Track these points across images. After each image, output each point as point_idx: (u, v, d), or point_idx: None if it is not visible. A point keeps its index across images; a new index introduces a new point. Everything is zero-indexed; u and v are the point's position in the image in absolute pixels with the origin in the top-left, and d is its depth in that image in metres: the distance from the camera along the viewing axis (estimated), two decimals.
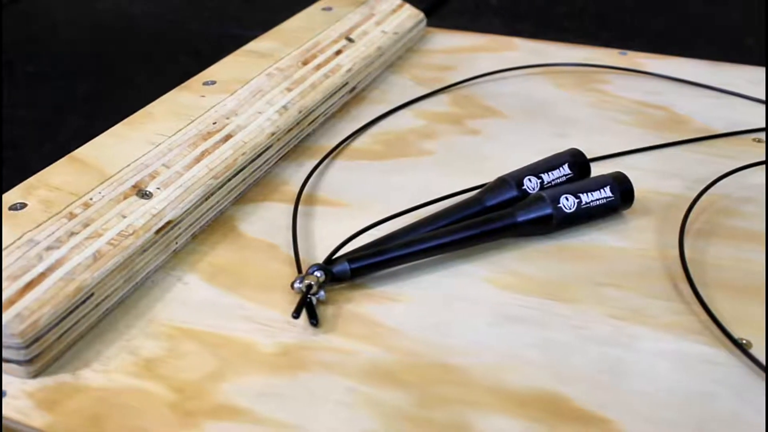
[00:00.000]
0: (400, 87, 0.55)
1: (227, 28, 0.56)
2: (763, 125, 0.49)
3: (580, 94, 0.54)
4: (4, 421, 0.30)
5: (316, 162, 0.46)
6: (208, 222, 0.41)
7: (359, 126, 0.50)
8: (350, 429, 0.30)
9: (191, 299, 0.36)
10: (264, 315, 0.35)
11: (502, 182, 0.41)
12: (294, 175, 0.45)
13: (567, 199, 0.39)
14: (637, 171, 0.45)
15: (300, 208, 0.42)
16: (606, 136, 0.48)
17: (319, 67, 0.51)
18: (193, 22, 0.77)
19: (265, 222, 0.41)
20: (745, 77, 0.55)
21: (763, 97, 0.52)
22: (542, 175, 0.41)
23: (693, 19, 0.76)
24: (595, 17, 0.77)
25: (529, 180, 0.41)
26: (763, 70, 0.56)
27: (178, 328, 0.35)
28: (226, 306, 0.36)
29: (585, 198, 0.40)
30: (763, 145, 0.48)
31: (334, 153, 0.47)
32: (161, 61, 0.52)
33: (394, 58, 0.58)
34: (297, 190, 0.43)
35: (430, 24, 0.64)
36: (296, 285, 0.35)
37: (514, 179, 0.41)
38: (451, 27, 0.65)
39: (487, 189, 0.41)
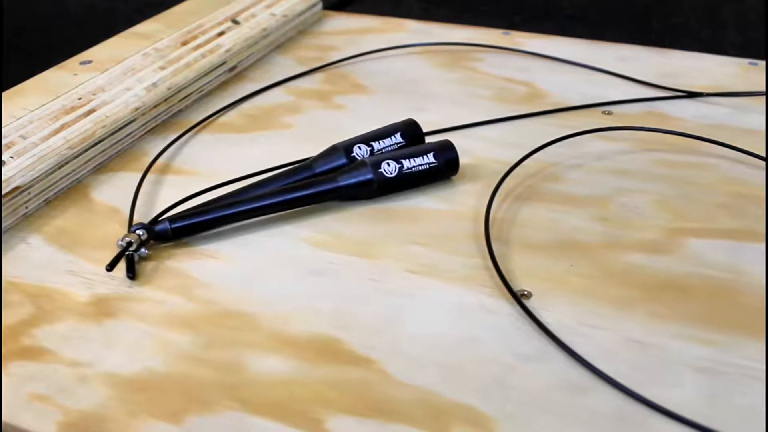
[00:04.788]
0: (283, 67, 0.57)
1: (154, 15, 0.59)
2: (616, 98, 0.52)
3: (451, 72, 0.56)
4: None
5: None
6: (63, 189, 0.44)
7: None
8: (133, 365, 0.33)
9: (29, 257, 0.39)
10: (89, 269, 0.38)
11: (332, 150, 0.43)
12: (156, 148, 0.48)
13: (389, 164, 0.42)
14: (481, 141, 0.47)
15: (153, 176, 0.45)
16: (462, 110, 0.51)
17: (198, 47, 0.54)
18: (120, 9, 0.80)
19: (117, 189, 0.44)
20: (613, 54, 0.57)
21: (625, 72, 0.54)
22: (373, 143, 0.44)
23: (604, 2, 0.78)
24: (512, 2, 0.79)
25: (359, 148, 0.43)
26: (630, 47, 0.58)
27: (10, 282, 0.38)
28: (58, 262, 0.39)
29: (407, 164, 0.42)
30: (611, 117, 0.50)
31: (200, 127, 0.50)
32: (85, 46, 0.55)
33: (283, 39, 0.61)
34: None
35: (349, 10, 0.67)
36: (119, 242, 0.38)
37: (345, 147, 0.43)
38: (370, 12, 0.68)
39: (318, 156, 0.43)
